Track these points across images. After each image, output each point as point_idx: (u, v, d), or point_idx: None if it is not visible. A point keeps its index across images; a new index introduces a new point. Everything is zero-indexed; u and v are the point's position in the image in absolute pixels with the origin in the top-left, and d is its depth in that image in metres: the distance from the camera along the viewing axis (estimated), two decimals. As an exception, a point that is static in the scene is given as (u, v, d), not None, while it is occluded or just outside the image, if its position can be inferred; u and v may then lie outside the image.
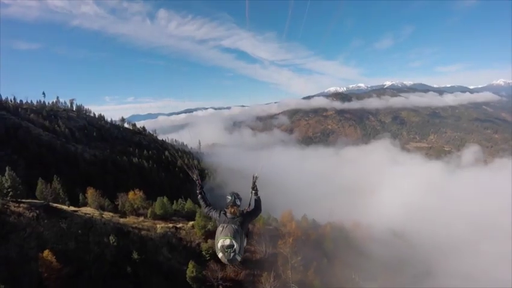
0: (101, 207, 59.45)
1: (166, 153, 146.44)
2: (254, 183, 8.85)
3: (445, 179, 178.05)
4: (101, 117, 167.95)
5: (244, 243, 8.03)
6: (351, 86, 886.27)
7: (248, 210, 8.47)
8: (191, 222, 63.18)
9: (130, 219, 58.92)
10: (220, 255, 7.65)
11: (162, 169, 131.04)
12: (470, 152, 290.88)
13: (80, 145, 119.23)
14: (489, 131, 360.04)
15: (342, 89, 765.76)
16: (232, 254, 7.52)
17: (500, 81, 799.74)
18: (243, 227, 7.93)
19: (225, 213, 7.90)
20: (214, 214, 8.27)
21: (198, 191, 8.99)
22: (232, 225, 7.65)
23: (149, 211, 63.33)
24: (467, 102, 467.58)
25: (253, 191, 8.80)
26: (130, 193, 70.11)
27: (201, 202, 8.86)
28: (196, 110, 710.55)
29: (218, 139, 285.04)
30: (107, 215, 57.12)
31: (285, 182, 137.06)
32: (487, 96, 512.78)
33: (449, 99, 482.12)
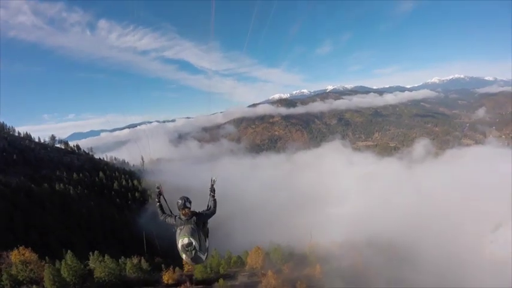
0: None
1: (101, 174, 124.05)
2: (212, 186, 9.66)
3: (406, 175, 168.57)
4: (27, 137, 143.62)
5: (207, 243, 8.93)
6: (294, 92, 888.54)
7: (203, 211, 9.18)
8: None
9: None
10: (183, 256, 8.36)
11: (95, 194, 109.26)
12: (421, 145, 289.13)
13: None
14: (429, 125, 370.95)
15: (286, 95, 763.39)
16: (193, 252, 8.22)
17: (435, 79, 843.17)
18: (199, 226, 8.59)
19: (179, 217, 8.58)
20: (170, 220, 8.88)
21: (156, 199, 9.67)
22: (189, 225, 8.32)
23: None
24: (407, 100, 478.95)
25: (211, 193, 9.61)
26: (14, 253, 45.73)
27: (158, 210, 9.48)
28: (140, 124, 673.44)
29: (163, 153, 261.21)
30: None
31: (240, 196, 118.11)
32: (424, 93, 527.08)
33: (389, 99, 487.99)
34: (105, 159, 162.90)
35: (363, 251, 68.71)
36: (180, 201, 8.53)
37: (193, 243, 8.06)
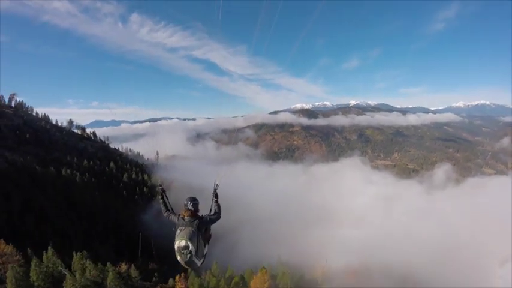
0: None
1: (112, 164, 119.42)
2: (215, 190, 9.43)
3: (426, 201, 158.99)
4: (44, 118, 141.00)
5: (205, 249, 8.52)
6: (317, 103, 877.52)
7: (207, 215, 8.83)
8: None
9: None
10: (178, 257, 7.99)
11: (102, 184, 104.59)
12: (441, 171, 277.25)
13: (1, 148, 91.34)
14: (451, 150, 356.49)
15: (308, 106, 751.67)
16: (188, 256, 7.83)
17: (460, 104, 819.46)
18: (201, 230, 8.24)
19: (183, 217, 8.32)
20: (173, 218, 8.64)
21: (159, 196, 9.44)
22: (190, 228, 7.97)
23: None
24: (430, 122, 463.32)
25: (214, 198, 9.31)
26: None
27: (162, 207, 9.24)
28: (161, 119, 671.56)
29: (179, 150, 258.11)
30: None
31: (252, 204, 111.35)
32: (448, 116, 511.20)
33: (412, 119, 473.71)
34: (121, 149, 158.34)
35: (379, 281, 61.61)
36: (185, 201, 8.48)
37: (190, 247, 7.74)
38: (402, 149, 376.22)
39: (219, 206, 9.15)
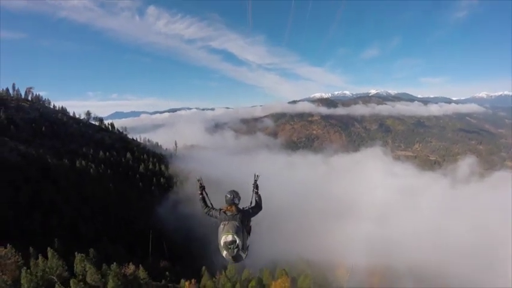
0: None
1: (128, 155, 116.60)
2: (256, 181, 9.13)
3: (451, 196, 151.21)
4: (61, 110, 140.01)
5: (248, 241, 8.26)
6: (336, 92, 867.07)
7: (248, 207, 8.68)
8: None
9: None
10: (224, 253, 7.71)
11: (119, 175, 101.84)
12: (466, 164, 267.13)
13: (14, 141, 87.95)
14: (473, 142, 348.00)
15: (327, 95, 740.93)
16: (235, 250, 7.59)
17: (483, 94, 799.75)
18: (244, 223, 8.04)
19: (224, 212, 8.09)
20: (214, 213, 8.44)
21: (199, 192, 9.03)
22: (234, 222, 7.76)
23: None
24: (452, 113, 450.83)
25: (255, 190, 9.05)
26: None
27: (201, 203, 8.90)
28: (180, 109, 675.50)
29: (198, 140, 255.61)
30: None
31: (271, 197, 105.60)
32: (471, 107, 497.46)
33: (434, 109, 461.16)
34: (139, 140, 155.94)
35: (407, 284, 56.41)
36: (228, 195, 8.32)
37: (237, 241, 7.51)
38: (423, 139, 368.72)
39: (259, 197, 9.00)
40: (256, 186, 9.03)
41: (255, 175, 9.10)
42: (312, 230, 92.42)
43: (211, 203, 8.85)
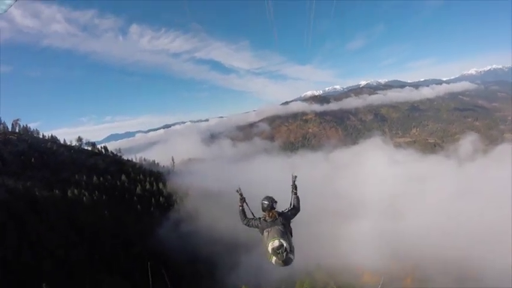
0: None
1: (124, 177, 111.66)
2: (294, 182, 8.99)
3: (459, 176, 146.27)
4: (50, 139, 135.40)
5: (292, 243, 8.01)
6: (327, 88, 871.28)
7: (287, 209, 8.69)
8: None
9: None
10: (273, 259, 7.63)
11: (114, 200, 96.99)
12: (467, 142, 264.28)
13: (2, 176, 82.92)
14: (470, 120, 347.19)
15: (318, 92, 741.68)
16: (285, 254, 7.51)
17: (472, 71, 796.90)
18: (286, 226, 8.08)
19: (265, 219, 8.14)
20: (254, 223, 8.48)
21: (239, 204, 8.93)
22: (277, 227, 7.83)
23: None
24: (444, 93, 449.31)
25: (294, 191, 8.94)
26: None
27: (240, 215, 8.87)
28: (174, 124, 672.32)
29: (195, 153, 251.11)
30: None
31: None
32: (463, 85, 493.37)
33: (426, 92, 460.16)
34: (135, 160, 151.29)
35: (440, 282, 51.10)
36: (265, 202, 8.25)
37: (284, 245, 7.51)
38: (420, 123, 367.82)
39: (298, 198, 8.85)
40: (294, 187, 8.93)
41: (292, 176, 8.96)
42: (324, 233, 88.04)
43: (252, 213, 8.79)
